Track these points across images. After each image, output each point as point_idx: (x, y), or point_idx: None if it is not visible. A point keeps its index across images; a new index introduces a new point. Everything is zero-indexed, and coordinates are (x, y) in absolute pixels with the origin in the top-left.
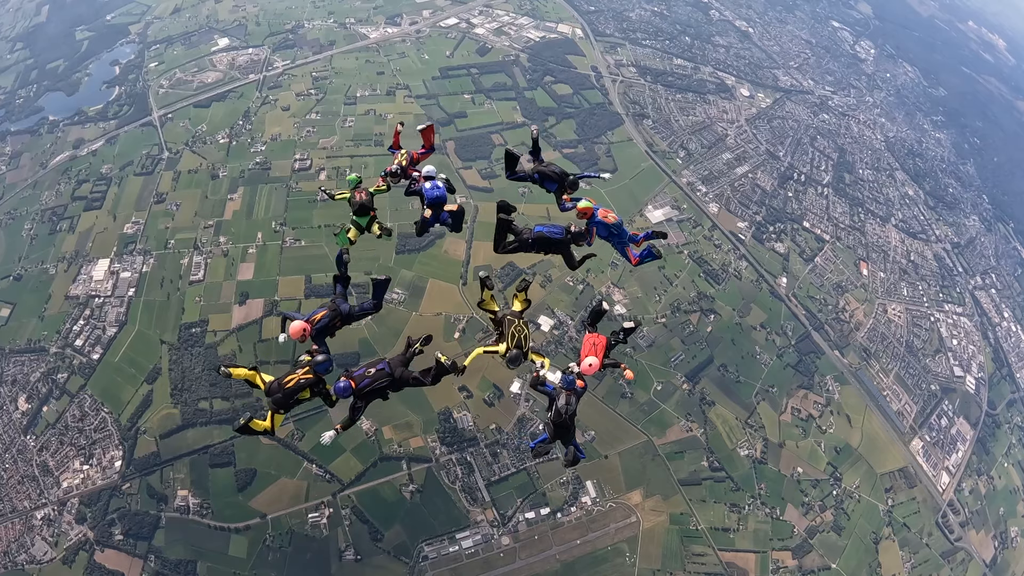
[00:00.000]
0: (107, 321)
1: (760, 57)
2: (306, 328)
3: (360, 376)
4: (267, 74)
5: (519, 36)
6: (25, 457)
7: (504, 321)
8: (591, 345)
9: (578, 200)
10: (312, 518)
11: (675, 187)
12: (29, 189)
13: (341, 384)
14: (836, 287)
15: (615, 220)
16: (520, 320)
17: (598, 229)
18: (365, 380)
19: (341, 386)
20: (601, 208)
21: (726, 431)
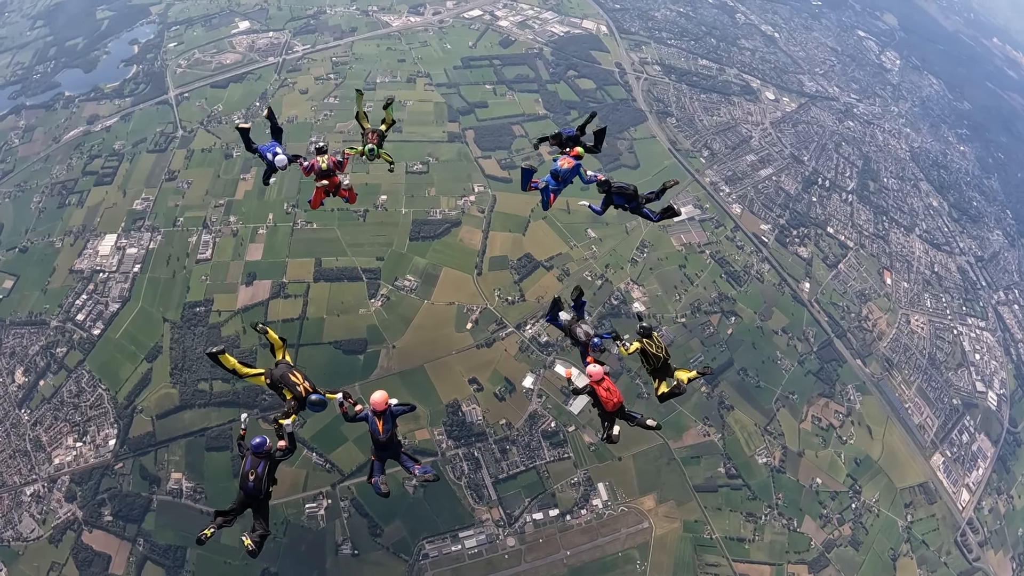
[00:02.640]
0: (110, 297)
1: (785, 62)
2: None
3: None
4: (286, 57)
5: (543, 30)
6: (18, 431)
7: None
8: (609, 387)
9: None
10: (309, 509)
11: (698, 186)
12: (40, 163)
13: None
14: (859, 295)
15: (569, 167)
16: (664, 353)
17: (562, 173)
18: None
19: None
20: (564, 158)
21: (744, 437)
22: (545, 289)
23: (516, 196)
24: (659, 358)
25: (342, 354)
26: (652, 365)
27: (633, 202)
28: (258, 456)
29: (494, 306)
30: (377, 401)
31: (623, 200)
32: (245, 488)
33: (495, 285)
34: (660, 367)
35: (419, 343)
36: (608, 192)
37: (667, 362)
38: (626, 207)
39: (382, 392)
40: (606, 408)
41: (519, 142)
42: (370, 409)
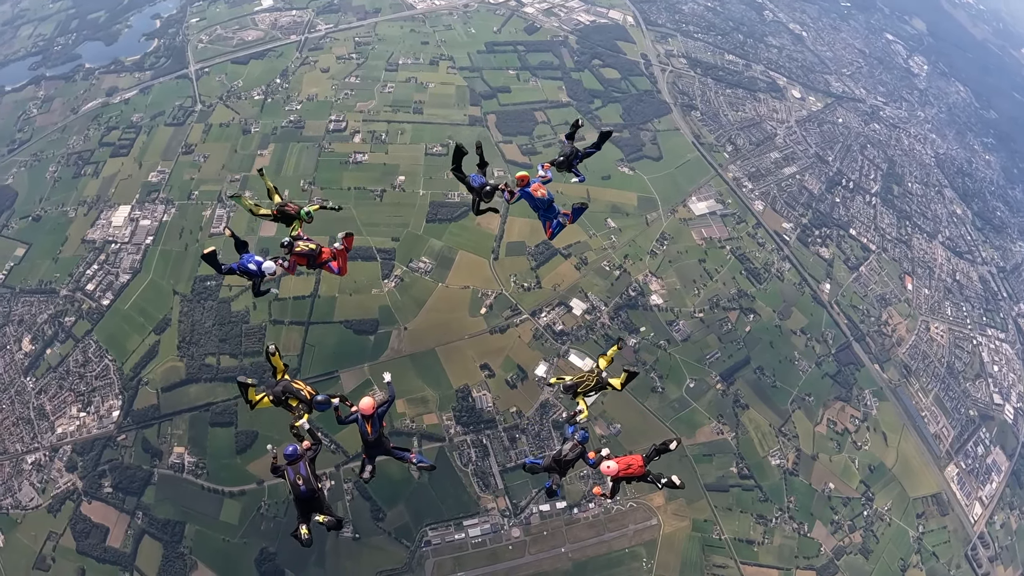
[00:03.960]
0: (121, 268)
1: (812, 61)
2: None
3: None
4: (309, 36)
5: (569, 18)
6: (23, 399)
7: (592, 370)
8: (627, 464)
9: (547, 174)
10: None
11: (721, 181)
12: (57, 133)
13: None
14: (880, 299)
15: (544, 196)
16: (596, 377)
17: (527, 197)
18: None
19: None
20: (537, 182)
21: (758, 437)
22: (562, 277)
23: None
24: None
25: (353, 334)
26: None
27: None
28: (294, 463)
29: (510, 292)
30: (365, 407)
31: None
32: (300, 496)
33: (511, 271)
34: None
35: (431, 326)
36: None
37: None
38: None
39: (369, 399)
40: (638, 477)
41: (541, 128)
42: (360, 414)
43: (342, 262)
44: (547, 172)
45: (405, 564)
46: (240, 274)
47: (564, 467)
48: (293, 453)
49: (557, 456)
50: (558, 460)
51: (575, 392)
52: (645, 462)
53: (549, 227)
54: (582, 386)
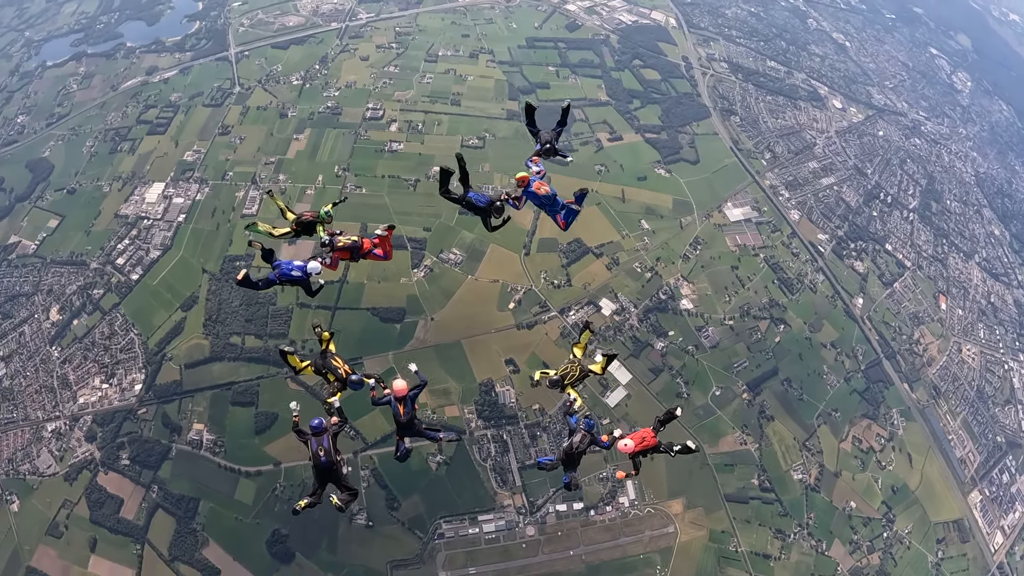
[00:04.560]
0: (152, 244)
1: (855, 72)
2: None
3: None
4: (350, 24)
5: (611, 17)
6: (47, 367)
7: (570, 360)
8: (642, 438)
9: (538, 168)
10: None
11: (757, 188)
12: (96, 109)
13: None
14: (913, 317)
15: (547, 192)
16: (577, 365)
17: (531, 197)
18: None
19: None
20: (537, 181)
21: (782, 450)
22: (593, 276)
23: (572, 179)
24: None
25: (379, 321)
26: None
27: (539, 144)
28: (319, 435)
29: (539, 288)
30: (399, 389)
31: (539, 144)
32: (319, 465)
33: (542, 267)
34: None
35: (458, 318)
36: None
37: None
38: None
39: (402, 380)
40: (653, 448)
41: (579, 126)
42: (393, 396)
43: (387, 247)
44: (539, 166)
45: (416, 555)
46: (282, 283)
47: (577, 458)
48: (319, 426)
49: (568, 449)
50: (570, 453)
51: (562, 386)
52: (655, 433)
53: (560, 219)
54: (567, 378)
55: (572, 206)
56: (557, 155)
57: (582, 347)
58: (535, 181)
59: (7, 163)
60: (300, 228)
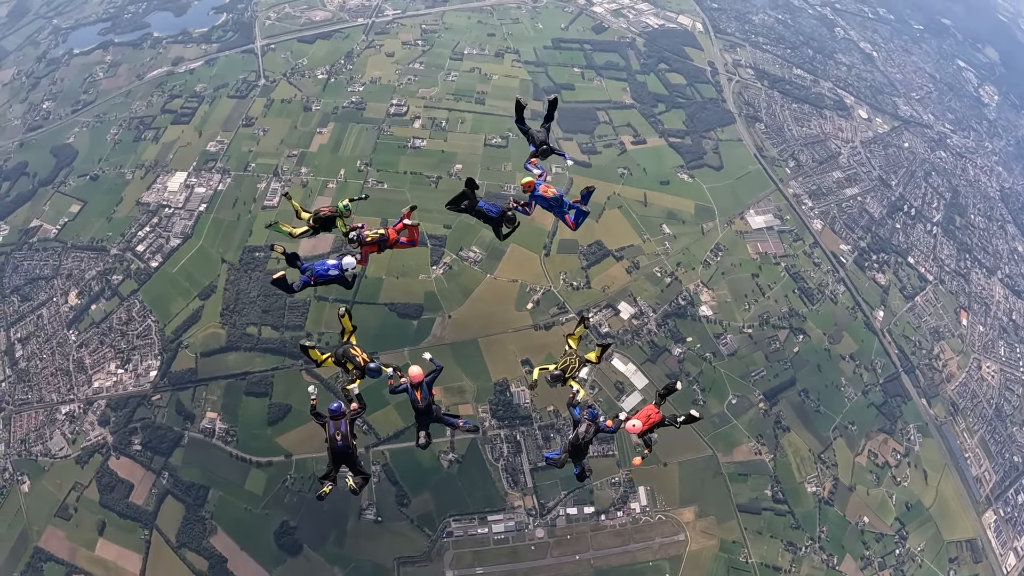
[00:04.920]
0: (172, 232)
1: (881, 82)
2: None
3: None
4: (376, 20)
5: (637, 20)
6: (63, 351)
7: (566, 352)
8: (647, 416)
9: (538, 169)
10: (343, 469)
11: (780, 196)
12: (121, 97)
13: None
14: (933, 332)
15: (554, 195)
16: (577, 357)
17: (539, 201)
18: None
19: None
20: (543, 184)
21: (796, 462)
22: (612, 279)
23: (593, 181)
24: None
25: (396, 317)
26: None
27: (533, 145)
28: (337, 419)
29: (558, 289)
30: (415, 375)
31: (533, 145)
32: (335, 449)
33: (562, 268)
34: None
35: (476, 316)
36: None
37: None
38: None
39: (418, 367)
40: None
41: (602, 128)
42: (409, 383)
43: (413, 234)
44: (539, 167)
45: (424, 553)
46: (317, 285)
47: (584, 449)
48: (337, 410)
49: (575, 440)
50: (576, 444)
51: (564, 379)
52: (658, 408)
53: (569, 219)
54: (568, 370)
55: (580, 206)
56: (554, 153)
57: (576, 339)
58: (541, 184)
59: (32, 148)
60: (318, 224)
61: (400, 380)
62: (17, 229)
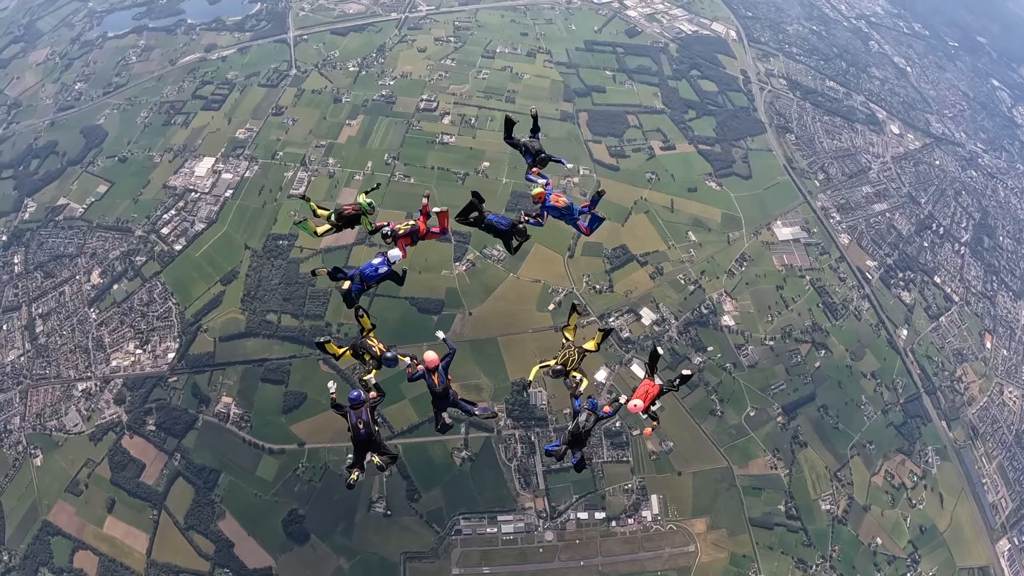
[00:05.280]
0: (198, 216)
1: (914, 98)
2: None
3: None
4: (409, 15)
5: (671, 26)
6: (83, 328)
7: (563, 345)
8: (645, 392)
9: (542, 178)
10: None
11: (808, 208)
12: (153, 81)
13: (353, 394)
14: (956, 353)
15: (565, 203)
16: (575, 348)
17: (550, 211)
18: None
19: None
20: (553, 193)
21: (812, 478)
22: (636, 284)
23: (621, 185)
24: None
25: (416, 311)
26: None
27: (529, 156)
28: (357, 407)
29: (581, 291)
30: (430, 360)
31: (529, 156)
32: (359, 438)
33: (585, 270)
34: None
35: (497, 315)
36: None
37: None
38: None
39: (433, 352)
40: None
41: (632, 132)
42: (425, 368)
43: (443, 222)
44: (543, 176)
45: (431, 549)
46: (370, 286)
47: (584, 438)
48: (357, 398)
49: (575, 430)
50: (576, 433)
51: (565, 373)
52: (652, 380)
53: (583, 225)
54: (569, 363)
55: (594, 212)
56: (552, 161)
57: (572, 330)
58: (551, 194)
59: (62, 128)
60: (341, 222)
61: (417, 367)
62: (44, 207)
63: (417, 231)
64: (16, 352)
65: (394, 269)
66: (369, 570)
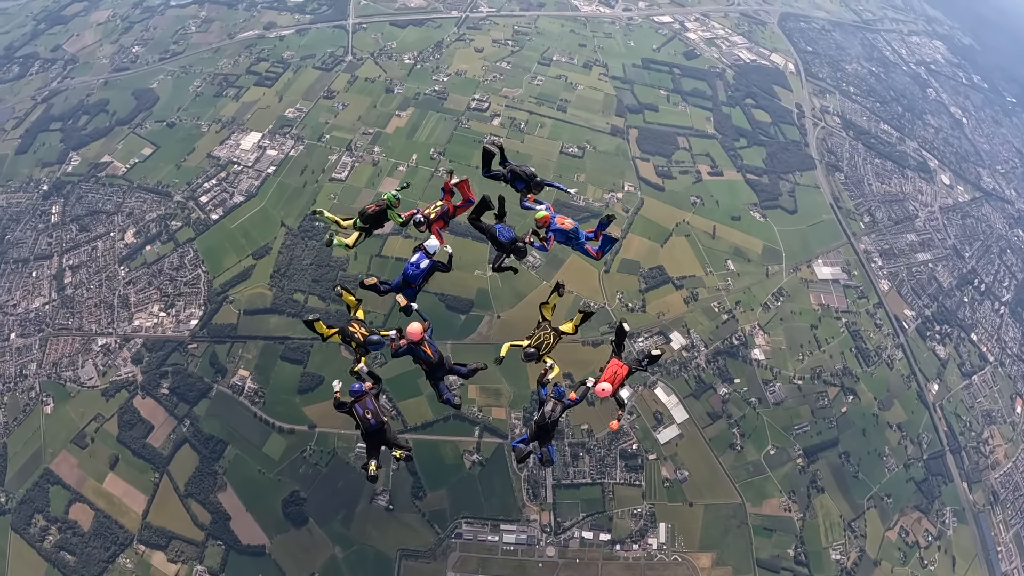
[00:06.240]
0: (237, 189)
1: (968, 150)
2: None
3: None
4: (470, 15)
5: (730, 52)
6: (111, 285)
7: (539, 325)
8: (612, 372)
9: (540, 204)
10: (360, 448)
11: (851, 250)
12: (209, 53)
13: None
14: (985, 415)
15: (571, 227)
16: (551, 330)
17: (556, 235)
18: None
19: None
20: (558, 216)
21: (825, 526)
22: (669, 306)
23: (664, 205)
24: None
25: (445, 308)
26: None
27: (520, 183)
28: (360, 399)
29: (613, 308)
30: (414, 332)
31: (520, 183)
32: (369, 429)
33: (620, 287)
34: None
35: (525, 320)
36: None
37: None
38: (517, 188)
39: (417, 324)
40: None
41: (680, 154)
42: (411, 342)
43: (465, 192)
44: (541, 202)
45: (429, 549)
46: (420, 286)
47: (551, 429)
48: (358, 390)
49: (540, 420)
50: (542, 424)
51: (538, 356)
52: (620, 359)
53: (591, 249)
54: (543, 347)
55: (607, 234)
56: (548, 186)
57: (551, 308)
58: (556, 216)
59: (115, 87)
60: (368, 224)
61: (401, 342)
62: (88, 162)
63: (447, 211)
64: (42, 300)
65: (437, 259)
66: (363, 562)
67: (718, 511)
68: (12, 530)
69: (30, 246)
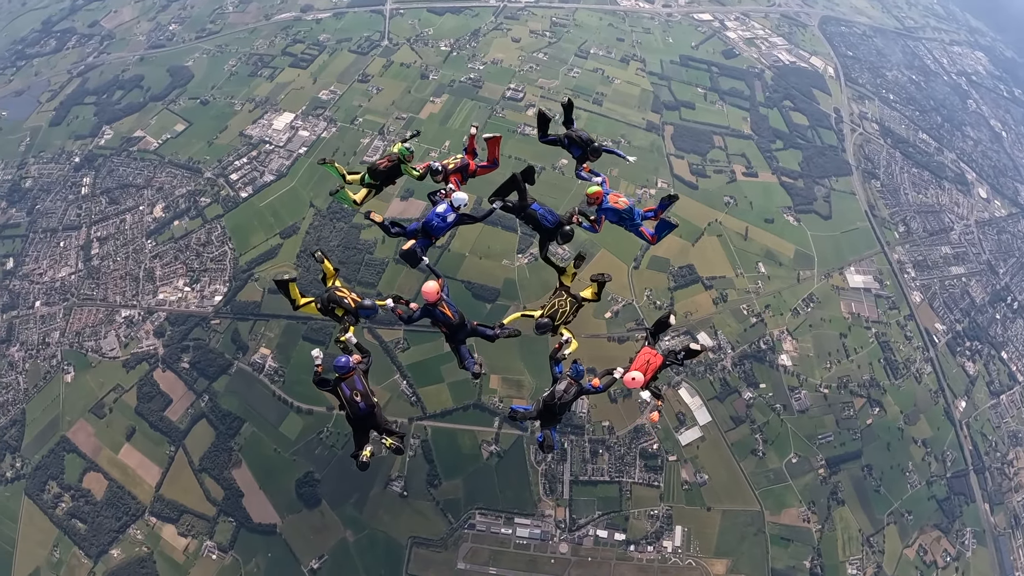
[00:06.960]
0: (268, 168)
1: (1006, 164)
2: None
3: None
4: (508, 4)
5: (769, 53)
6: (137, 258)
7: (555, 292)
8: (645, 361)
9: (596, 175)
10: None
11: (884, 260)
12: (246, 33)
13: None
14: (1012, 436)
15: (626, 206)
16: (568, 298)
17: (608, 215)
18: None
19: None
20: (612, 193)
21: (844, 539)
22: (697, 306)
23: (697, 204)
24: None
25: (471, 296)
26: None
27: (576, 148)
28: (346, 376)
29: (640, 305)
30: (431, 291)
31: (576, 148)
32: (357, 413)
33: (648, 284)
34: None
35: None
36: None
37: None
38: (573, 154)
39: (432, 282)
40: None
41: (715, 153)
42: (427, 303)
43: (493, 152)
44: (597, 173)
45: (441, 539)
46: (438, 238)
47: (559, 412)
48: (345, 365)
49: (549, 399)
50: (550, 404)
51: (554, 328)
52: (653, 345)
53: (646, 232)
54: (559, 316)
55: (665, 219)
56: (607, 152)
57: (570, 277)
58: (609, 193)
59: (151, 64)
60: (380, 179)
61: (412, 308)
62: (120, 136)
63: (467, 166)
64: (68, 270)
65: (466, 212)
66: (374, 546)
67: (736, 517)
68: (26, 495)
69: (59, 216)
